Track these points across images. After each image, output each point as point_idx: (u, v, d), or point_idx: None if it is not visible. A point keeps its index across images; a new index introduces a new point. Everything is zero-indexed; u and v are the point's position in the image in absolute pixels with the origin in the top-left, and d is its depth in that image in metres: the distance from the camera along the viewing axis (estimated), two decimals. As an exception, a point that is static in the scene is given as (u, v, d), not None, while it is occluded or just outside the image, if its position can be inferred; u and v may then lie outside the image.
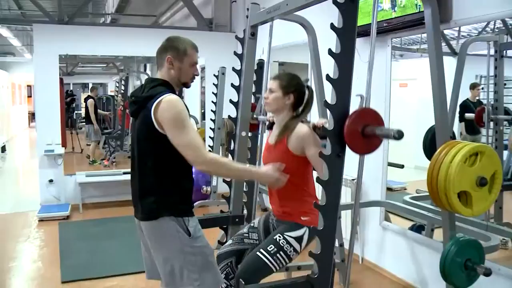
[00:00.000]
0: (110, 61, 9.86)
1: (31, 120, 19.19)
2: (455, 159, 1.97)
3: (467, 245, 2.12)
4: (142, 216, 2.07)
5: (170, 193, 2.03)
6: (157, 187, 2.03)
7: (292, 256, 2.35)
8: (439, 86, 2.17)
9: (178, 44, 2.09)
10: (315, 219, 2.32)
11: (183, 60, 2.08)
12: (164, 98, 1.93)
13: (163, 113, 1.91)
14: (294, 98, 2.42)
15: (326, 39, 2.43)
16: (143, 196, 2.06)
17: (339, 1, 1.81)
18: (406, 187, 4.90)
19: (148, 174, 2.03)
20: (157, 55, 2.13)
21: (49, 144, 5.95)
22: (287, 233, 2.34)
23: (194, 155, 1.94)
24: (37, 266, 4.17)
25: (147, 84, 2.08)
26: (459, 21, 3.07)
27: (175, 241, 2.00)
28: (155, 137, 1.96)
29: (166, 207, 2.01)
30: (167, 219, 2.00)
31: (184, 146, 1.93)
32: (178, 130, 1.92)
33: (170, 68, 2.08)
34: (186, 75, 2.11)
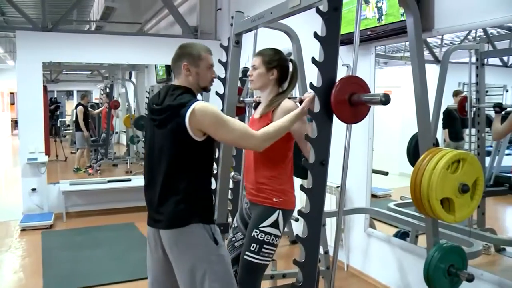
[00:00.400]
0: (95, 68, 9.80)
1: (14, 127, 18.95)
2: (438, 166, 1.99)
3: (450, 251, 2.14)
4: (167, 223, 2.02)
5: (199, 200, 2.04)
6: (187, 194, 2.01)
7: (276, 242, 2.36)
8: (421, 93, 2.20)
9: (192, 50, 2.10)
10: (288, 199, 2.38)
11: (199, 65, 2.09)
12: (196, 106, 1.93)
13: (204, 120, 1.93)
14: (278, 73, 2.42)
15: (310, 47, 2.44)
16: (168, 203, 2.02)
17: (322, 10, 1.83)
18: (391, 194, 4.92)
19: (176, 181, 2.01)
20: (173, 64, 2.14)
21: (32, 152, 5.88)
22: (261, 225, 2.34)
23: (251, 142, 2.00)
24: (18, 276, 4.10)
25: (169, 91, 2.06)
26: (441, 30, 3.12)
27: (202, 249, 1.99)
28: (187, 144, 1.96)
29: (195, 214, 2.01)
30: (197, 226, 1.99)
31: (237, 140, 2.01)
32: (224, 128, 1.96)
33: (188, 74, 2.08)
34: (204, 79, 2.13)
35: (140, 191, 2.32)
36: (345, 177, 2.00)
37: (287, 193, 2.39)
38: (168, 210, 2.01)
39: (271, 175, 2.37)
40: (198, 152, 2.01)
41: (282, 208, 2.35)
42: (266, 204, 2.37)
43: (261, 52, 2.47)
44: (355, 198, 4.07)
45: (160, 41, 6.55)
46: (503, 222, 4.39)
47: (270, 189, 2.37)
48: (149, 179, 2.13)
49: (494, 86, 3.95)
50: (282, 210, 2.35)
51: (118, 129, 10.39)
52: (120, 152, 10.24)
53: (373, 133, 3.85)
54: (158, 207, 2.05)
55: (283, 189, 2.37)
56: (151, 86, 9.14)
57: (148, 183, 2.14)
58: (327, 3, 1.82)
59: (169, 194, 2.02)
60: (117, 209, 6.38)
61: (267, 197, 2.37)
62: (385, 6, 3.43)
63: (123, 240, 5.16)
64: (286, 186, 2.40)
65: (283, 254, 4.55)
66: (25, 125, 5.95)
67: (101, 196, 6.42)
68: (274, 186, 2.36)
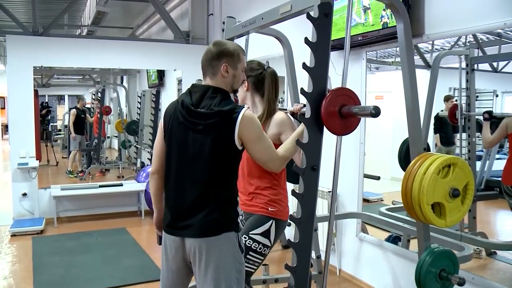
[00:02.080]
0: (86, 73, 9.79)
1: (4, 132, 18.81)
2: (429, 171, 2.00)
3: (441, 255, 2.15)
4: (199, 231, 1.93)
5: (231, 206, 2.00)
6: (222, 202, 1.95)
7: (264, 252, 2.35)
8: (412, 99, 2.21)
9: (231, 50, 2.00)
10: (283, 210, 2.37)
11: (237, 67, 2.02)
12: (245, 113, 1.90)
13: (249, 129, 1.90)
14: (248, 83, 2.41)
15: (301, 52, 2.45)
16: (202, 211, 1.93)
17: (313, 15, 1.83)
18: (383, 199, 4.95)
19: (214, 189, 1.94)
20: (207, 63, 2.00)
21: (23, 157, 5.83)
22: (252, 232, 2.33)
23: (276, 166, 2.00)
24: (8, 283, 4.05)
25: (208, 93, 1.96)
26: (432, 36, 3.14)
27: (231, 258, 1.95)
28: (230, 152, 1.93)
29: (228, 222, 1.96)
30: (230, 234, 1.95)
31: (267, 160, 1.96)
32: (261, 145, 1.93)
33: (226, 76, 1.99)
34: (238, 82, 2.06)
35: (132, 196, 2.30)
36: (337, 182, 2.00)
37: (282, 203, 2.39)
38: (201, 218, 1.92)
39: (265, 186, 2.37)
40: (235, 160, 1.97)
41: (276, 218, 2.35)
42: (260, 213, 2.36)
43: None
44: (347, 203, 4.08)
45: (152, 46, 6.54)
46: (494, 226, 4.42)
47: (265, 199, 2.36)
48: (177, 185, 2.00)
49: (484, 91, 3.99)
50: (276, 220, 2.34)
51: (110, 134, 10.37)
52: (112, 157, 10.20)
53: (365, 138, 3.86)
54: (189, 215, 1.95)
55: (278, 199, 2.37)
56: (142, 91, 9.13)
57: (175, 189, 2.01)
58: (317, 9, 1.82)
59: (204, 202, 1.94)
60: (109, 214, 6.35)
61: (262, 207, 2.36)
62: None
63: (115, 245, 5.13)
64: (281, 197, 2.39)
65: (276, 259, 4.54)
66: (15, 130, 5.91)
67: (92, 201, 6.39)
68: (269, 196, 2.36)
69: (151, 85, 8.54)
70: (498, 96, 4.13)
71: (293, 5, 2.11)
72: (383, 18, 3.31)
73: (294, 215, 1.90)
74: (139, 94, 9.27)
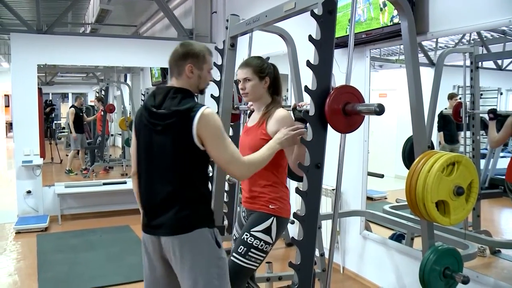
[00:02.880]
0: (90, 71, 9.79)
1: (9, 130, 18.88)
2: (433, 168, 2.00)
3: (445, 253, 2.15)
4: (170, 230, 1.95)
5: (203, 205, 2.01)
6: (191, 199, 1.96)
7: (266, 249, 2.34)
8: (416, 96, 2.20)
9: (197, 51, 2.02)
10: (284, 207, 2.37)
11: (203, 67, 2.03)
12: (204, 111, 1.89)
13: (206, 127, 1.89)
14: (270, 80, 2.41)
15: (305, 50, 2.45)
16: (171, 209, 1.95)
17: (317, 13, 1.83)
18: (387, 197, 4.94)
19: (181, 187, 1.96)
20: (174, 63, 2.03)
21: (27, 155, 5.86)
22: (253, 229, 2.33)
23: (238, 171, 1.97)
24: (13, 279, 4.07)
25: (170, 93, 1.98)
26: (436, 33, 3.13)
27: (207, 253, 1.96)
28: (191, 150, 1.92)
29: (200, 218, 1.97)
30: (202, 230, 1.95)
31: (227, 161, 1.94)
32: (219, 146, 1.92)
33: (191, 76, 2.01)
34: (204, 82, 2.07)
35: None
36: (340, 180, 2.00)
37: (283, 201, 2.39)
38: (171, 216, 1.95)
39: (266, 184, 2.37)
40: (201, 157, 1.96)
41: (277, 215, 2.35)
42: (261, 211, 2.37)
43: (248, 63, 2.42)
44: (351, 201, 4.08)
45: (155, 43, 6.54)
46: (498, 225, 4.41)
47: (266, 197, 2.37)
48: (147, 186, 2.05)
49: (489, 89, 3.97)
50: (277, 217, 2.34)
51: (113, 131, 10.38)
52: (116, 154, 10.21)
53: (369, 136, 3.86)
54: (160, 214, 1.98)
55: (279, 197, 2.37)
56: (146, 89, 9.12)
57: (146, 189, 2.06)
58: (321, 7, 1.82)
59: (172, 200, 1.96)
60: (113, 212, 6.37)
61: (263, 204, 2.37)
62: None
63: (119, 242, 5.15)
64: (282, 194, 2.39)
65: (279, 257, 4.55)
66: (20, 128, 5.93)
67: (96, 198, 6.41)
68: (270, 194, 2.36)
69: (155, 83, 8.53)
70: (502, 94, 4.11)
71: (297, 3, 2.11)
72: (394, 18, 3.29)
73: (298, 212, 1.90)
74: (142, 92, 9.25)
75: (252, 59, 2.46)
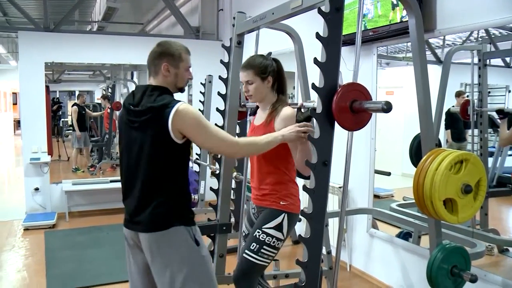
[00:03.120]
0: (97, 68, 9.80)
1: (17, 127, 18.99)
2: (441, 166, 1.99)
3: (453, 252, 2.14)
4: (147, 227, 1.97)
5: (180, 202, 2.01)
6: (169, 197, 1.98)
7: (277, 245, 2.35)
8: (424, 94, 2.19)
9: (172, 50, 2.05)
10: (294, 203, 2.38)
11: (179, 66, 2.06)
12: (180, 107, 1.91)
13: (185, 121, 1.90)
14: (272, 78, 2.40)
15: (312, 47, 2.44)
16: (148, 206, 1.97)
17: (324, 10, 1.83)
18: (393, 194, 4.93)
19: (156, 184, 1.97)
20: (151, 62, 2.07)
21: (35, 152, 5.90)
22: (265, 226, 2.34)
23: (230, 149, 2.04)
24: (22, 276, 4.11)
25: (147, 91, 2.01)
26: (443, 31, 3.11)
27: (184, 251, 1.96)
28: (169, 147, 1.93)
29: (177, 216, 1.98)
30: (179, 228, 1.96)
31: (217, 146, 2.01)
32: (205, 133, 1.95)
33: (167, 75, 2.04)
34: (182, 80, 2.10)
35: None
36: (348, 178, 2.00)
37: (293, 197, 2.40)
38: (148, 213, 1.97)
39: (276, 181, 2.38)
40: (178, 154, 1.97)
41: (288, 212, 2.36)
42: (272, 207, 2.38)
43: (249, 64, 2.40)
44: (358, 199, 4.07)
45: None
46: (506, 223, 4.39)
47: (276, 194, 2.38)
48: (127, 183, 2.08)
49: (497, 87, 3.94)
50: (287, 214, 2.35)
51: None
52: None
53: (376, 133, 3.85)
54: (138, 210, 2.01)
55: (289, 193, 2.38)
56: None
57: (126, 188, 2.09)
58: (329, 4, 1.81)
59: (149, 197, 1.98)
60: (120, 209, 6.35)
61: (274, 201, 2.38)
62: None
63: (126, 240, 5.16)
64: (292, 191, 2.40)
65: (286, 254, 4.55)
66: (27, 125, 5.97)
67: (103, 196, 6.43)
68: (281, 191, 2.38)
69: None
70: (510, 92, 4.08)
71: (304, 0, 2.10)
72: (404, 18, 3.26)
73: (305, 210, 1.90)
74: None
75: (252, 59, 2.43)
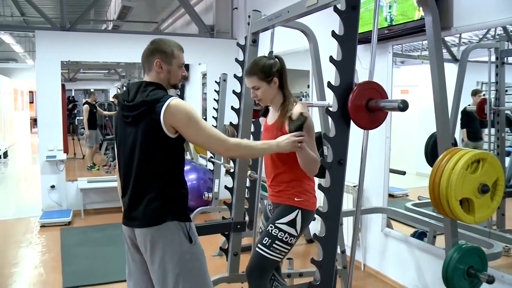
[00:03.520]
0: (111, 67, 9.91)
1: (33, 126, 19.24)
2: (457, 165, 1.97)
3: (469, 252, 2.12)
4: (142, 222, 1.98)
5: (174, 198, 2.00)
6: (162, 192, 1.98)
7: (290, 241, 2.35)
8: (440, 93, 2.18)
9: (165, 47, 2.06)
10: (309, 200, 2.37)
11: (172, 62, 2.06)
12: (171, 101, 1.91)
13: (176, 115, 1.90)
14: (278, 78, 2.37)
15: (327, 46, 2.44)
16: (143, 202, 1.98)
17: (340, 8, 1.82)
18: (408, 194, 4.89)
19: (150, 179, 1.98)
20: (144, 59, 2.09)
21: (51, 150, 5.97)
22: (278, 221, 2.34)
23: (221, 146, 1.99)
24: (38, 271, 4.16)
25: (141, 87, 2.01)
26: (460, 28, 3.08)
27: (177, 247, 1.96)
28: (161, 141, 1.93)
29: (171, 212, 1.98)
30: (172, 224, 1.96)
31: (208, 142, 1.98)
32: (196, 128, 1.94)
33: (160, 71, 2.05)
34: (175, 77, 2.10)
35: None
36: (363, 177, 1.99)
37: (308, 194, 2.39)
38: (142, 208, 1.98)
39: (291, 179, 2.38)
40: (171, 149, 1.98)
41: (302, 208, 2.35)
42: (287, 203, 2.38)
43: (252, 70, 2.37)
44: (372, 198, 4.05)
45: (177, 40, 6.50)
46: (523, 223, 4.33)
47: (291, 191, 2.38)
48: (124, 178, 2.09)
49: (514, 85, 3.89)
50: (301, 210, 2.35)
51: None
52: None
53: (390, 135, 3.82)
54: (133, 206, 2.02)
55: (304, 190, 2.38)
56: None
57: (123, 182, 2.10)
58: (344, 2, 1.81)
59: (143, 192, 1.99)
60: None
61: (288, 197, 2.38)
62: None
63: (140, 237, 5.19)
64: (307, 188, 2.40)
65: (300, 253, 4.55)
66: (44, 123, 6.04)
67: (118, 193, 6.47)
68: (295, 188, 2.37)
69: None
70: (529, 90, 4.03)
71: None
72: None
73: (320, 209, 1.90)
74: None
75: (255, 63, 2.39)
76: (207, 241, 2.18)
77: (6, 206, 6.97)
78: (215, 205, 5.34)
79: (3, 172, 10.15)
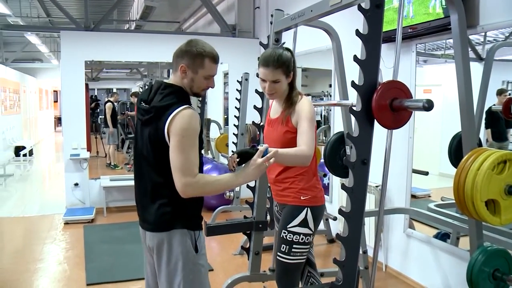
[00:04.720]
0: (134, 67, 9.98)
1: (57, 124, 19.59)
2: (483, 166, 1.95)
3: (495, 254, 2.09)
4: (152, 226, 1.96)
5: (185, 205, 1.91)
6: (172, 198, 1.89)
7: (307, 241, 2.34)
8: (466, 92, 2.15)
9: (196, 53, 1.90)
10: (316, 195, 2.34)
11: (198, 72, 1.92)
12: (180, 111, 1.81)
13: (174, 126, 1.80)
14: (293, 72, 2.33)
15: (350, 45, 2.42)
16: (153, 205, 1.94)
17: (364, 7, 1.81)
18: (430, 194, 4.83)
19: (162, 184, 1.91)
20: (174, 58, 1.96)
21: (75, 148, 6.07)
22: (289, 225, 2.32)
23: (181, 183, 1.81)
24: (63, 268, 4.24)
25: (160, 89, 1.94)
26: (486, 26, 3.03)
27: (181, 256, 1.92)
28: (163, 148, 1.85)
29: (180, 218, 1.93)
30: (180, 231, 1.92)
31: (174, 170, 1.82)
32: (176, 146, 1.80)
33: (183, 76, 1.92)
34: (198, 87, 1.96)
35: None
36: (387, 177, 1.97)
37: (314, 189, 2.35)
38: (153, 212, 1.94)
39: (296, 174, 2.34)
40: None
41: (310, 206, 2.32)
42: (293, 204, 2.35)
43: (277, 62, 2.25)
44: (394, 198, 4.01)
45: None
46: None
47: (296, 188, 2.34)
48: (137, 180, 2.07)
49: (542, 85, 3.81)
50: (310, 208, 2.32)
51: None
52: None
53: (413, 135, 3.78)
54: (145, 208, 2.00)
55: (310, 186, 2.34)
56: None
57: (136, 183, 2.07)
58: (369, 1, 1.80)
59: (155, 197, 1.95)
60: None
61: (294, 196, 2.34)
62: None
63: (162, 235, 5.24)
64: (313, 183, 2.36)
65: (321, 253, 4.53)
66: (68, 122, 6.14)
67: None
68: (301, 184, 2.34)
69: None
70: (556, 90, 3.94)
71: (344, -3, 2.09)
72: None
73: (343, 209, 1.89)
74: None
75: (278, 55, 2.27)
76: (228, 239, 2.19)
77: (31, 203, 7.13)
78: (236, 204, 5.36)
79: (28, 170, 10.35)
